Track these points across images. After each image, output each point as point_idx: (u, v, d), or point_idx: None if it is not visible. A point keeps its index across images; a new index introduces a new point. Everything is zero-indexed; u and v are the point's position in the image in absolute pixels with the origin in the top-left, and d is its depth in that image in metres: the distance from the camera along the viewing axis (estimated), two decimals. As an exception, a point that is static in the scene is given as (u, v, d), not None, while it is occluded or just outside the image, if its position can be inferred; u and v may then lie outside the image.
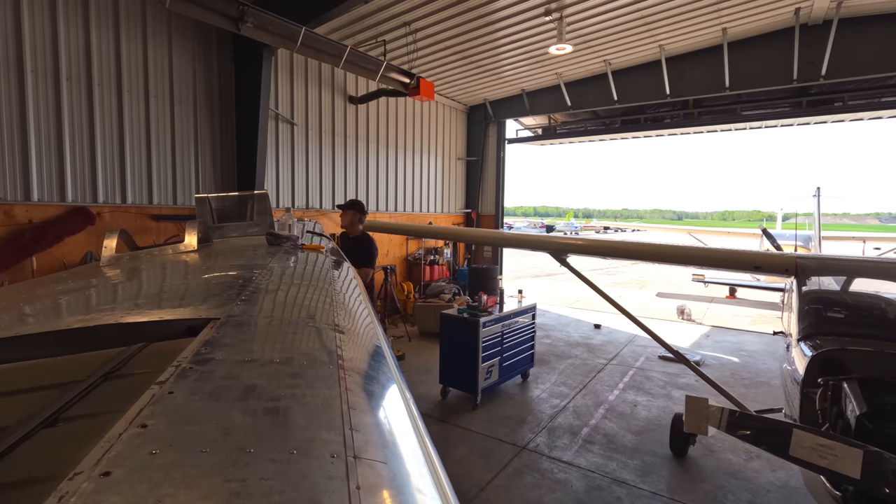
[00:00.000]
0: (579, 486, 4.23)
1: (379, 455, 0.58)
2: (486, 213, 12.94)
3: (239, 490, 0.45)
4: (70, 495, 0.43)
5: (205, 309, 1.10)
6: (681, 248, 4.61)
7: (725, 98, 9.96)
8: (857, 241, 15.42)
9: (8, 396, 0.88)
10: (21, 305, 1.38)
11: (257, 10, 5.39)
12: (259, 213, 2.78)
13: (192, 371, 0.71)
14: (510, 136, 12.97)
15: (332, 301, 1.34)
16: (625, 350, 8.45)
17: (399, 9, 7.21)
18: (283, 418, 0.61)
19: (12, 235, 5.01)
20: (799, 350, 3.40)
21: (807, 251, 10.60)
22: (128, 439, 0.52)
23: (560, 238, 5.34)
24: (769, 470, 4.49)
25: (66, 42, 5.30)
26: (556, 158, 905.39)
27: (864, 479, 2.09)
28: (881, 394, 2.65)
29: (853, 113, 9.65)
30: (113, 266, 1.98)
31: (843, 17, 7.88)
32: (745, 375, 7.26)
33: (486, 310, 6.18)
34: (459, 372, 6.01)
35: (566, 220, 63.69)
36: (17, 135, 5.02)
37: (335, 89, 8.79)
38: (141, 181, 6.07)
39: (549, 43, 8.37)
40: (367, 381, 0.83)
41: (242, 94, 6.90)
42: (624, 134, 12.41)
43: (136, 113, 5.97)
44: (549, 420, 5.54)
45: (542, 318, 9.83)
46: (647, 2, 7.37)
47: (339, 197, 9.04)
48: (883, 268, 3.85)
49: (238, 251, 2.20)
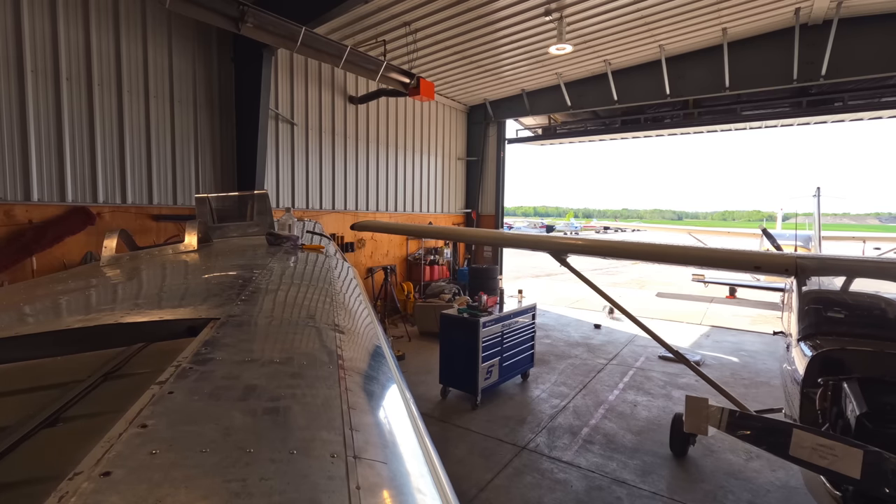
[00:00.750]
0: (579, 486, 4.22)
1: (379, 455, 0.58)
2: (486, 213, 12.94)
3: (239, 490, 0.45)
4: (70, 495, 0.43)
5: (205, 309, 1.10)
6: (681, 248, 4.60)
7: (725, 98, 9.96)
8: (857, 241, 15.42)
9: (8, 396, 0.88)
10: (21, 305, 1.38)
11: (257, 10, 5.39)
12: (259, 213, 2.78)
13: (192, 371, 0.71)
14: (510, 136, 12.98)
15: (332, 301, 1.34)
16: (625, 350, 8.45)
17: (399, 9, 7.21)
18: (283, 418, 0.61)
19: (12, 235, 5.01)
20: (799, 350, 3.40)
21: (807, 251, 10.60)
22: (128, 439, 0.52)
23: (560, 238, 5.34)
24: (769, 470, 4.49)
25: (66, 42, 5.30)
26: (556, 158, 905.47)
27: (864, 479, 2.09)
28: (881, 394, 2.65)
29: (853, 113, 9.64)
30: (113, 266, 1.98)
31: (843, 17, 7.88)
32: (745, 375, 7.26)
33: (486, 310, 6.18)
34: (459, 372, 6.00)
35: (566, 220, 63.68)
36: (18, 135, 5.02)
37: (335, 89, 8.79)
38: (141, 181, 6.07)
39: (549, 43, 8.37)
40: (367, 381, 0.83)
41: (242, 94, 6.90)
42: (624, 134, 12.41)
43: (136, 113, 5.97)
44: (549, 420, 5.54)
45: (542, 318, 9.83)
46: (647, 2, 7.37)
47: (340, 197, 9.04)
48: (883, 268, 3.85)
49: (238, 251, 2.20)
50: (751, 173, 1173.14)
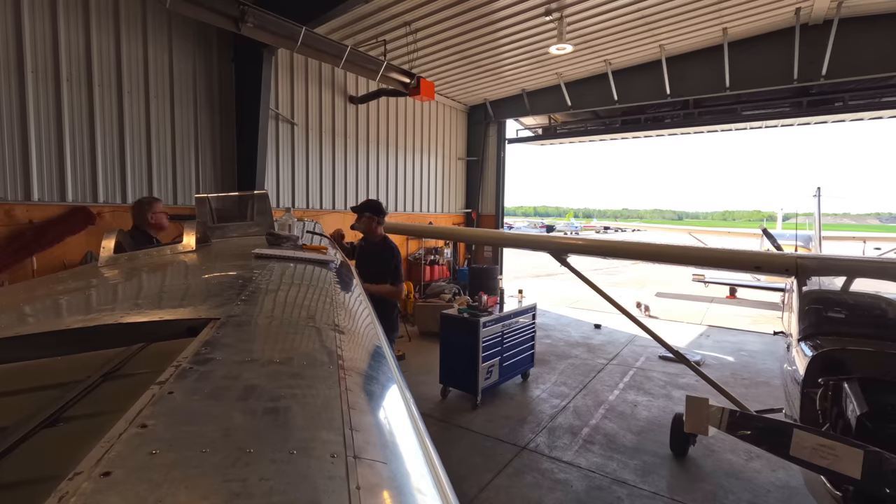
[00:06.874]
0: (579, 486, 4.22)
1: (379, 455, 0.58)
2: (487, 213, 12.93)
3: (239, 490, 0.45)
4: (70, 495, 0.43)
5: (205, 309, 1.10)
6: (681, 248, 4.60)
7: (725, 98, 9.95)
8: (857, 241, 15.42)
9: (8, 396, 0.88)
10: (21, 305, 1.38)
11: (257, 9, 5.39)
12: (259, 213, 2.78)
13: (192, 371, 0.71)
14: (510, 136, 12.97)
15: (332, 301, 1.34)
16: (625, 350, 8.45)
17: (399, 9, 7.21)
18: (283, 418, 0.61)
19: (12, 235, 5.01)
20: (799, 350, 3.40)
21: (807, 251, 10.60)
22: (128, 439, 0.52)
23: (560, 238, 5.34)
24: (769, 470, 4.49)
25: (67, 43, 5.30)
26: (556, 158, 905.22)
27: (864, 480, 2.08)
28: (882, 394, 2.65)
29: (853, 113, 9.64)
30: (112, 266, 1.98)
31: (844, 17, 7.87)
32: (746, 375, 7.26)
33: (487, 310, 6.18)
34: (459, 372, 6.00)
35: (566, 220, 63.67)
36: (18, 135, 5.02)
37: (335, 89, 8.79)
38: (141, 181, 6.07)
39: (549, 43, 8.37)
40: (367, 381, 0.83)
41: (242, 94, 6.90)
42: (624, 134, 12.40)
43: (136, 113, 5.97)
44: (549, 420, 5.54)
45: (542, 318, 9.83)
46: (648, 2, 7.37)
47: (340, 197, 9.03)
48: (883, 268, 3.85)
49: (238, 251, 2.20)
50: (751, 173, 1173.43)
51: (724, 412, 2.73)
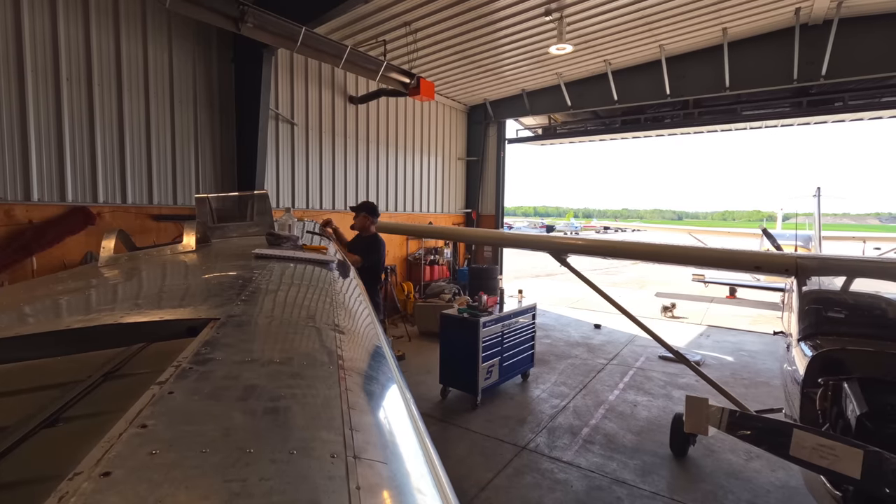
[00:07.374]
0: (579, 486, 4.22)
1: (379, 455, 0.58)
2: (487, 213, 12.93)
3: (239, 490, 0.45)
4: (70, 495, 0.43)
5: (205, 309, 1.10)
6: (681, 248, 4.60)
7: (725, 98, 9.95)
8: (857, 241, 15.42)
9: (8, 396, 0.88)
10: (21, 305, 1.38)
11: (257, 10, 5.38)
12: (259, 213, 2.78)
13: (192, 371, 0.71)
14: (510, 136, 12.97)
15: (332, 301, 1.34)
16: (625, 350, 8.45)
17: (399, 9, 7.21)
18: (283, 418, 0.61)
19: (12, 235, 5.01)
20: (799, 350, 3.40)
21: (807, 251, 10.60)
22: (128, 439, 0.52)
23: (560, 238, 5.34)
24: (769, 470, 4.49)
25: (66, 42, 5.30)
26: (556, 158, 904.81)
27: (864, 479, 2.08)
28: (881, 394, 2.64)
29: (853, 113, 9.64)
30: (111, 267, 1.98)
31: (844, 17, 7.87)
32: (745, 375, 7.26)
33: (486, 310, 6.18)
34: (459, 372, 6.00)
35: (566, 220, 63.68)
36: (18, 135, 5.01)
37: (335, 89, 8.79)
38: (141, 181, 6.07)
39: (549, 43, 8.37)
40: (367, 381, 0.83)
41: (242, 94, 6.90)
42: (624, 134, 12.40)
43: (136, 113, 5.97)
44: (549, 420, 5.54)
45: (542, 318, 9.82)
46: (648, 2, 7.37)
47: (340, 197, 9.04)
48: (883, 268, 3.85)
49: (238, 251, 2.20)
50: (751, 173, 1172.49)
51: (723, 412, 2.73)
